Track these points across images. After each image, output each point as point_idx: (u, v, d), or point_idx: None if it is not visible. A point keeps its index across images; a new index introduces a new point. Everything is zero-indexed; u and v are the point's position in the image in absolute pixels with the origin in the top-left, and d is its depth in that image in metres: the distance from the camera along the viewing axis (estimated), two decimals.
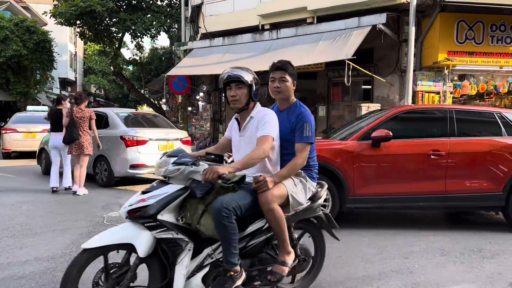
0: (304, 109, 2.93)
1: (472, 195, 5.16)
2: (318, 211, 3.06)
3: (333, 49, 10.29)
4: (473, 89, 11.01)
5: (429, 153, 5.13)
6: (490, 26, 10.54)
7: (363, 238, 4.81)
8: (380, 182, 5.15)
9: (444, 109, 5.63)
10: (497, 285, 3.46)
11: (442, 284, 3.47)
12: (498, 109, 5.83)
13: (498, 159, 5.18)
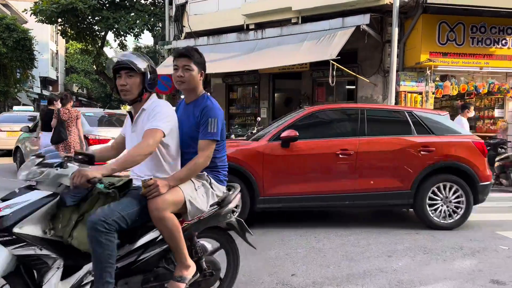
0: (211, 102, 2.63)
1: (382, 193, 5.23)
2: (228, 218, 2.75)
3: (318, 49, 10.34)
4: (454, 90, 11.21)
5: (338, 153, 5.16)
6: (470, 28, 10.75)
7: (349, 237, 4.84)
8: (291, 182, 5.16)
9: (355, 109, 5.69)
10: (478, 282, 3.52)
11: (425, 282, 3.52)
12: (410, 108, 5.90)
13: (406, 157, 5.24)
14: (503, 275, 3.68)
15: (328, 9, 10.93)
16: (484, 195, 5.44)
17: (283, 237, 4.81)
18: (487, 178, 5.41)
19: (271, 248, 4.38)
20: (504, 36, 10.88)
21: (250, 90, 14.69)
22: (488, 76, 11.39)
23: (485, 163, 5.46)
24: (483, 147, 5.45)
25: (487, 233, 5.09)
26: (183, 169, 2.50)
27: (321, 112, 5.78)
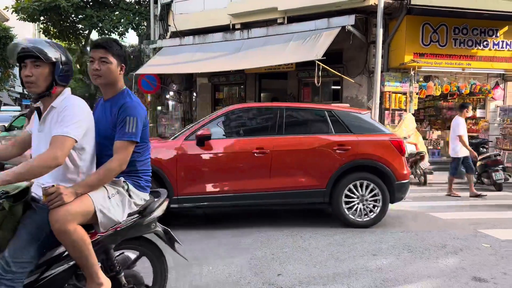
0: (130, 99, 2.36)
1: (298, 191, 5.22)
2: (153, 227, 2.49)
3: (304, 49, 10.38)
4: (437, 90, 11.39)
5: (253, 151, 5.15)
6: (453, 29, 10.93)
7: (334, 237, 4.86)
8: (206, 181, 5.12)
9: (275, 108, 5.63)
10: (460, 279, 3.58)
11: (409, 280, 3.56)
12: (331, 106, 5.85)
13: (322, 155, 5.26)
14: (485, 272, 3.74)
15: (313, 10, 10.98)
16: (402, 194, 5.46)
17: (270, 237, 4.81)
18: (404, 177, 5.41)
19: (257, 248, 4.37)
20: (485, 37, 11.09)
21: (236, 90, 14.67)
22: (470, 77, 11.60)
23: (402, 161, 5.46)
24: (400, 146, 5.44)
25: (470, 231, 5.17)
26: (93, 174, 2.21)
27: (240, 111, 5.80)
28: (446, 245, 4.57)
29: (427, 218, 5.97)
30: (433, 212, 6.30)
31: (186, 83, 16.05)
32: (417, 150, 9.95)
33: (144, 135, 2.41)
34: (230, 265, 3.87)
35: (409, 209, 6.58)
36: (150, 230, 2.50)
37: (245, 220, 5.64)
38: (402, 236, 4.94)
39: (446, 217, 6.00)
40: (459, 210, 6.61)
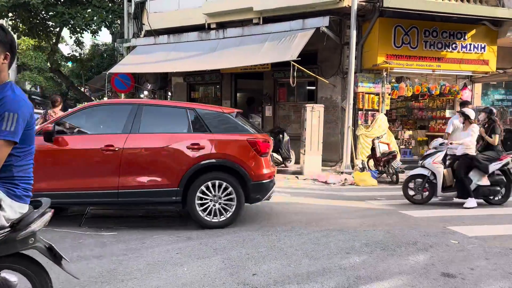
0: (13, 93, 2.08)
1: (149, 190, 5.12)
2: (30, 242, 2.16)
3: (279, 50, 10.46)
4: (409, 91, 11.67)
5: (102, 148, 5.06)
6: (423, 32, 11.23)
7: (309, 236, 4.92)
8: (53, 178, 5.01)
9: (132, 104, 5.53)
10: (430, 275, 3.68)
11: (381, 277, 3.64)
12: (193, 105, 5.82)
13: (175, 154, 5.16)
14: (453, 268, 3.87)
15: (288, 11, 11.08)
16: (259, 194, 5.34)
17: (245, 237, 4.82)
18: (260, 177, 5.30)
19: (232, 248, 4.37)
20: (454, 40, 11.45)
21: (212, 89, 14.61)
22: (440, 79, 11.96)
23: (260, 161, 5.33)
24: (258, 146, 5.31)
25: (439, 228, 5.33)
26: None
27: (97, 107, 5.77)
28: (417, 242, 4.69)
29: (399, 216, 6.10)
30: (405, 210, 6.45)
31: (161, 82, 15.86)
32: (389, 150, 10.17)
33: (27, 137, 2.12)
34: (205, 265, 3.86)
35: (381, 207, 6.72)
36: (27, 246, 2.16)
37: None
38: (375, 234, 5.04)
39: (417, 215, 6.16)
40: (430, 208, 6.80)
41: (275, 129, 11.49)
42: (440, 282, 3.53)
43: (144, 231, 5.08)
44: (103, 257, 4.08)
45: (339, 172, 10.42)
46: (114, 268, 3.76)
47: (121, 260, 3.98)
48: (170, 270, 3.73)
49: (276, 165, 10.75)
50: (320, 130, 10.38)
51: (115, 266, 3.82)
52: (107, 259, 4.00)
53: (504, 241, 4.81)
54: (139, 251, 4.28)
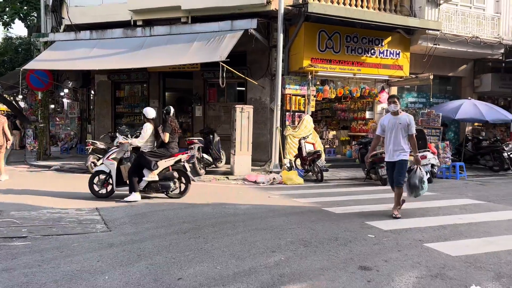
0: None
1: None
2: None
3: (208, 50, 10.41)
4: (332, 93, 12.26)
5: None
6: (345, 38, 11.86)
7: (236, 236, 4.96)
8: None
9: None
10: (349, 269, 3.90)
11: (304, 273, 3.78)
12: None
13: None
14: (370, 261, 4.13)
15: (217, 11, 11.07)
16: None
17: (172, 241, 4.73)
18: None
19: (158, 253, 4.27)
20: (373, 46, 12.23)
21: (139, 88, 14.14)
22: (361, 82, 12.71)
23: None
24: None
25: (358, 224, 5.67)
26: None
27: None
28: (338, 238, 4.94)
29: (322, 213, 6.38)
30: (328, 207, 6.76)
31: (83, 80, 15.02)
32: (314, 149, 10.59)
33: None
34: (127, 273, 3.72)
35: (306, 205, 6.98)
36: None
37: (145, 224, 5.47)
38: (299, 231, 5.22)
39: (339, 211, 6.48)
40: (350, 204, 7.19)
41: (205, 130, 11.43)
42: (358, 275, 3.75)
43: (62, 239, 4.77)
44: (13, 269, 3.76)
45: (268, 172, 10.64)
46: (27, 282, 3.49)
47: (35, 272, 3.70)
48: (90, 280, 3.55)
49: (206, 166, 10.72)
50: (250, 131, 10.51)
51: (28, 279, 3.55)
52: (18, 272, 3.70)
53: (415, 233, 5.24)
54: (55, 260, 4.02)
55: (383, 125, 6.35)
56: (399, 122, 6.13)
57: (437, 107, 13.43)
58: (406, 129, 6.09)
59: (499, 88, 14.99)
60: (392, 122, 6.19)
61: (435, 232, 5.31)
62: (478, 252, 4.48)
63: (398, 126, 6.12)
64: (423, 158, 10.09)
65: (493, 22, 13.77)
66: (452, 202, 7.52)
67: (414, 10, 12.64)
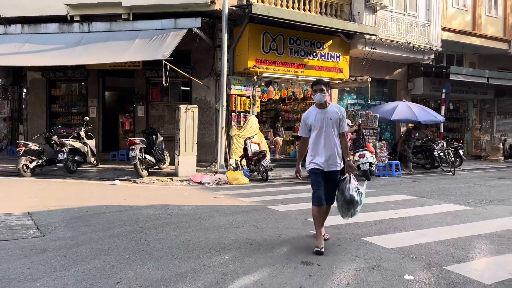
0: None
1: None
2: None
3: (150, 48, 10.16)
4: (276, 94, 12.46)
5: None
6: (289, 40, 12.11)
7: (180, 237, 4.87)
8: None
9: None
10: (291, 264, 3.97)
11: (247, 271, 3.79)
12: None
13: None
14: (312, 256, 4.23)
15: (160, 9, 10.86)
16: None
17: (111, 244, 4.54)
18: None
19: (95, 257, 4.08)
20: (315, 49, 12.60)
21: (77, 86, 13.48)
22: (303, 83, 13.03)
23: None
24: None
25: (301, 221, 5.80)
26: None
27: None
28: (281, 235, 5.02)
29: (266, 212, 6.45)
30: (272, 206, 6.85)
31: (14, 78, 14.05)
32: (260, 149, 10.70)
33: None
34: (62, 278, 3.52)
35: (251, 204, 7.02)
36: None
37: (82, 228, 5.21)
38: (244, 230, 5.24)
39: (283, 209, 6.59)
40: (294, 202, 7.34)
41: (148, 130, 11.12)
42: (300, 270, 3.83)
43: None
44: None
45: (214, 172, 10.58)
46: None
47: None
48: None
49: (149, 167, 10.44)
50: (195, 131, 10.39)
51: None
52: None
53: (354, 228, 5.45)
54: None
55: (308, 123, 4.60)
56: (330, 118, 4.52)
57: (375, 108, 14.10)
58: (338, 126, 4.57)
59: (430, 91, 16.07)
60: (320, 117, 4.52)
61: (372, 226, 5.56)
62: (411, 244, 4.75)
63: (329, 123, 4.52)
64: (362, 157, 10.56)
65: (424, 29, 14.73)
66: (388, 198, 7.93)
67: (353, 15, 13.20)
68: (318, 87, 4.55)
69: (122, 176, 9.99)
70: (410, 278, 3.67)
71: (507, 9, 17.82)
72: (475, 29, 16.85)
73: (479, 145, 17.72)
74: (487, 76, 15.87)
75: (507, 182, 10.76)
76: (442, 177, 11.84)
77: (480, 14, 17.04)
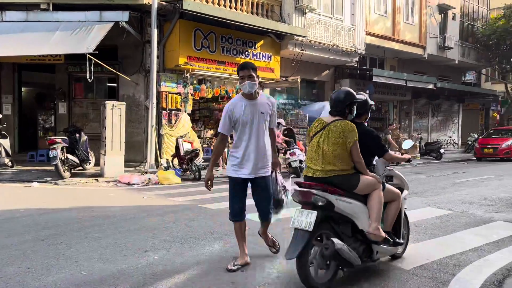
0: None
1: None
2: None
3: (73, 41, 9.56)
4: (209, 93, 12.35)
5: None
6: (221, 38, 12.06)
7: (105, 239, 4.60)
8: None
9: None
10: (223, 262, 3.92)
11: (178, 270, 3.68)
12: None
13: None
14: None
15: (84, 0, 10.24)
16: None
17: (26, 249, 4.16)
18: None
19: (9, 264, 3.71)
20: (247, 48, 12.68)
21: None
22: (236, 82, 13.03)
23: None
24: None
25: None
26: None
27: None
28: (214, 232, 4.96)
29: (199, 210, 6.34)
30: (204, 204, 6.75)
31: None
32: (192, 148, 10.52)
33: None
34: None
35: (183, 204, 6.87)
36: None
37: None
38: (175, 229, 5.09)
39: (215, 208, 6.52)
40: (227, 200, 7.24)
41: (70, 128, 10.40)
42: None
43: None
44: None
45: (143, 172, 10.20)
46: None
47: None
48: None
49: (72, 168, 9.78)
50: (122, 129, 9.93)
51: None
52: None
53: (283, 223, 5.53)
54: None
55: (234, 117, 3.64)
56: (261, 111, 3.66)
57: (304, 108, 14.56)
58: (269, 121, 3.75)
59: None
60: (250, 111, 3.63)
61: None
62: None
63: (260, 117, 3.66)
64: (293, 155, 10.83)
65: (349, 32, 15.50)
66: None
67: (284, 17, 13.50)
68: (246, 72, 3.61)
69: (42, 177, 9.25)
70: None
71: (422, 17, 19.37)
72: (394, 35, 18.10)
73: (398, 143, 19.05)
74: (405, 79, 17.12)
75: (423, 176, 11.66)
76: None
77: (399, 21, 18.34)
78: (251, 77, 3.61)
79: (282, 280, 3.47)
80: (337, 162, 3.31)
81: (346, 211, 3.27)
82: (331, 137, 3.33)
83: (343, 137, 3.30)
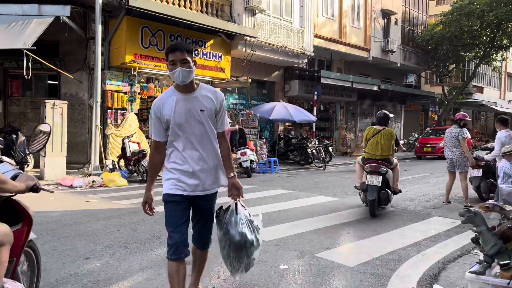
0: None
1: None
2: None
3: (8, 35, 8.96)
4: (158, 92, 12.05)
5: None
6: (169, 36, 11.82)
7: (43, 247, 4.32)
8: None
9: None
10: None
11: (121, 276, 3.54)
12: None
13: None
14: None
15: None
16: None
17: None
18: None
19: None
20: (197, 47, 12.52)
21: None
22: None
23: None
24: None
25: None
26: None
27: None
28: (161, 236, 4.82)
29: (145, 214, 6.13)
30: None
31: None
32: (139, 149, 10.22)
33: None
34: None
35: (128, 207, 6.65)
36: None
37: None
38: (119, 234, 4.91)
39: (163, 210, 6.34)
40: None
41: (6, 128, 9.75)
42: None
43: None
44: None
45: (87, 174, 9.76)
46: None
47: None
48: None
49: None
50: (64, 129, 9.46)
51: None
52: None
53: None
54: None
55: (164, 118, 2.64)
56: (200, 108, 2.65)
57: (255, 108, 14.63)
58: (215, 121, 2.73)
59: (304, 93, 17.30)
60: (184, 107, 2.64)
61: None
62: (287, 235, 5.00)
63: (200, 116, 2.66)
64: (244, 154, 10.84)
65: (298, 34, 15.78)
66: (267, 193, 8.26)
67: (234, 17, 13.48)
68: (178, 55, 2.56)
69: None
70: (285, 267, 3.84)
71: (367, 21, 20.16)
72: (341, 38, 18.69)
73: (345, 142, 19.68)
74: (352, 81, 17.72)
75: None
76: (315, 172, 12.82)
77: (345, 24, 18.96)
78: (186, 62, 2.56)
79: None
80: (387, 150, 6.39)
81: (389, 176, 6.27)
82: (385, 137, 6.39)
83: (391, 137, 6.41)
